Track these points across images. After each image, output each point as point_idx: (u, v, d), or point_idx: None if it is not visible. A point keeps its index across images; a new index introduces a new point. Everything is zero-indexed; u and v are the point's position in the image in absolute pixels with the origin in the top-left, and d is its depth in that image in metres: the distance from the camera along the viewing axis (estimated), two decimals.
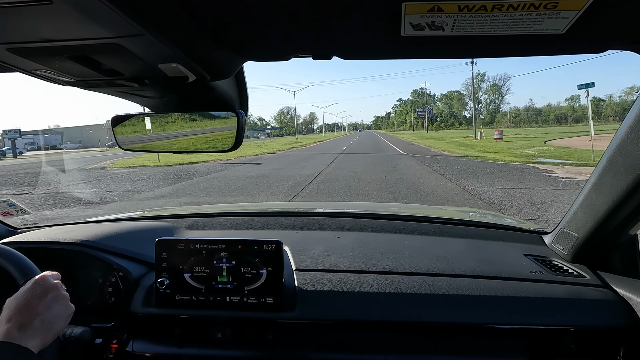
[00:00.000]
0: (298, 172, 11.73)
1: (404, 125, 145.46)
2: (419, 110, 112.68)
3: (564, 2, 0.45)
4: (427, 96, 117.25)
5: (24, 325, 0.65)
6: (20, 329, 0.65)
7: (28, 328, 0.65)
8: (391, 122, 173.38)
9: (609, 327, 0.93)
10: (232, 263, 1.00)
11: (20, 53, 0.55)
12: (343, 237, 1.32)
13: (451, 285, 1.01)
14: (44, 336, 0.67)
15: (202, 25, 0.54)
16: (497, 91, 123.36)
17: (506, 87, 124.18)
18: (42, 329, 0.67)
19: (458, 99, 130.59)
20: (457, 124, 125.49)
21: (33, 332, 0.65)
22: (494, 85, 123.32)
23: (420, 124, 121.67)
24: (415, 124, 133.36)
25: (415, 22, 0.50)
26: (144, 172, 13.32)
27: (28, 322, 0.66)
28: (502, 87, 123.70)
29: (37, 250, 1.11)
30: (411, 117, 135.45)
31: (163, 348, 1.00)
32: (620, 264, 1.04)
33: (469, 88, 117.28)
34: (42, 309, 0.69)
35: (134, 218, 1.65)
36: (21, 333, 0.64)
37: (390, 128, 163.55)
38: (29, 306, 0.68)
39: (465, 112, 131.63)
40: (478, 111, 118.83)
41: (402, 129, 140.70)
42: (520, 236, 1.34)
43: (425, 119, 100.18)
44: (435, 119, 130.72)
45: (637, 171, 0.79)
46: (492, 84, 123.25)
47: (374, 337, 0.99)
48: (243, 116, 0.80)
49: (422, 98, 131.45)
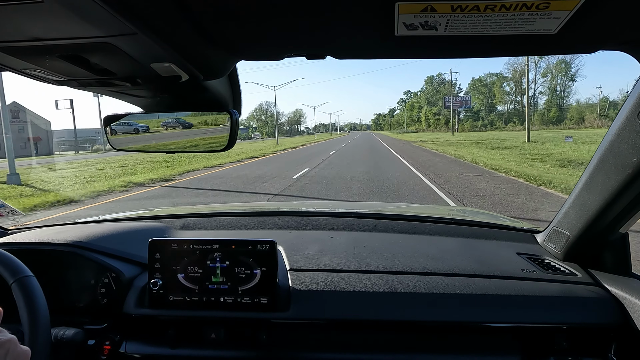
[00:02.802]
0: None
1: (417, 124, 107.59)
2: (447, 98, 67.54)
3: (555, 2, 0.46)
4: (450, 84, 72.61)
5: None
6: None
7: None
8: (397, 120, 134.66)
9: (600, 325, 0.94)
10: (226, 263, 0.99)
11: (11, 52, 0.55)
12: (337, 236, 1.32)
13: (444, 284, 1.01)
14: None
15: (195, 25, 0.53)
16: (564, 72, 75.62)
17: (575, 65, 74.58)
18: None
19: (499, 86, 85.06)
20: (498, 122, 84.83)
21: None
22: (561, 62, 74.70)
23: (444, 122, 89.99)
24: (435, 123, 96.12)
25: (409, 22, 0.51)
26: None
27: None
28: (570, 67, 74.67)
29: (29, 252, 1.10)
30: (428, 112, 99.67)
31: (156, 349, 0.99)
32: (611, 262, 1.05)
33: (517, 69, 76.98)
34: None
35: (127, 218, 1.64)
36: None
37: (397, 128, 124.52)
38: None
39: (504, 104, 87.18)
40: (533, 103, 75.28)
41: (414, 129, 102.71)
42: (513, 235, 1.35)
43: (452, 115, 62.14)
44: (470, 114, 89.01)
45: (627, 170, 0.80)
46: (559, 60, 74.46)
47: (368, 337, 0.99)
48: (236, 115, 0.80)
49: (443, 87, 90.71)
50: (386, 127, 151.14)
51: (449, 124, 75.15)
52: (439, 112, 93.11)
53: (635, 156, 0.76)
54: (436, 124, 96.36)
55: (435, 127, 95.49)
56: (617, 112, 0.79)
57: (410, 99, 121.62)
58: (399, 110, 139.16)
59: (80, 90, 0.75)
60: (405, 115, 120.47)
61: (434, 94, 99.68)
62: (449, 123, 75.03)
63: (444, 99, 73.50)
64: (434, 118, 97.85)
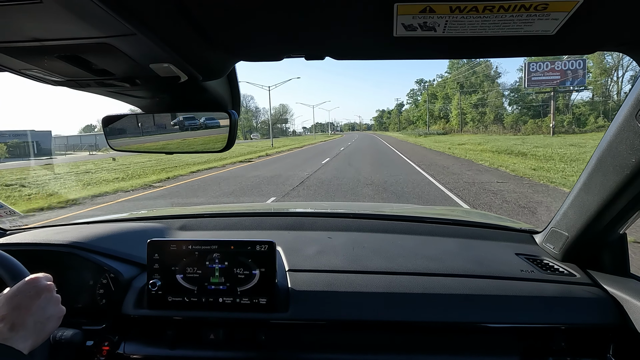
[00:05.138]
0: None
1: (441, 122, 69.33)
2: (533, 66, 36.80)
3: (554, 3, 0.46)
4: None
5: (17, 326, 0.65)
6: (13, 329, 0.64)
7: (21, 329, 0.65)
8: (406, 117, 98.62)
9: (599, 325, 0.94)
10: (225, 264, 0.99)
11: (9, 52, 0.55)
12: (336, 237, 1.32)
13: (443, 285, 1.01)
14: (35, 338, 0.66)
15: (194, 25, 0.53)
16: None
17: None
18: (34, 330, 0.66)
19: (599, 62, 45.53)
20: (600, 118, 42.93)
21: (25, 334, 0.65)
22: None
23: (492, 117, 53.40)
24: (479, 119, 56.88)
25: (407, 22, 0.51)
26: None
27: (21, 323, 0.65)
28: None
29: (27, 252, 1.10)
30: (464, 103, 60.28)
31: (155, 350, 0.99)
32: (609, 263, 1.06)
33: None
34: (36, 310, 0.68)
35: (126, 219, 1.64)
36: (13, 333, 0.64)
37: (409, 128, 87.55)
38: (22, 306, 0.68)
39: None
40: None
41: (441, 130, 63.89)
42: (511, 235, 1.35)
43: (552, 100, 37.62)
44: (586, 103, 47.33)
45: (625, 171, 0.80)
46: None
47: (367, 337, 0.99)
48: (235, 116, 0.80)
49: (485, 67, 57.83)
50: (392, 126, 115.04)
51: (504, 121, 47.54)
52: (483, 103, 56.26)
53: (634, 157, 0.76)
54: (479, 121, 56.80)
55: (478, 125, 56.49)
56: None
57: (424, 90, 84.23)
58: (408, 104, 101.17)
59: (79, 90, 0.75)
60: (423, 110, 78.09)
61: (469, 75, 61.55)
62: (504, 120, 47.48)
63: (525, 68, 37.74)
64: (474, 112, 57.73)
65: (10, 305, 0.67)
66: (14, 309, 0.67)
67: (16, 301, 0.68)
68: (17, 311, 0.67)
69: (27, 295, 0.69)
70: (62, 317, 0.74)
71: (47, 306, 0.70)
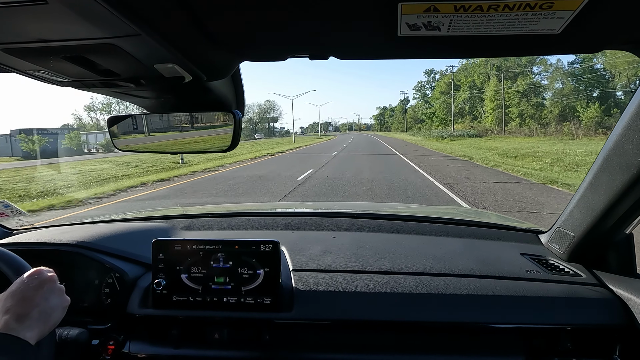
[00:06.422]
0: None
1: (466, 118, 52.05)
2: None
3: (559, 2, 0.45)
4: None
5: (22, 317, 0.66)
6: (18, 320, 0.65)
7: (26, 319, 0.66)
8: (412, 115, 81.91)
9: (605, 326, 0.93)
10: (229, 264, 1.00)
11: (15, 53, 0.55)
12: (340, 237, 1.32)
13: (448, 285, 1.01)
14: (41, 327, 0.67)
15: (198, 26, 0.53)
16: None
17: None
18: (39, 320, 0.67)
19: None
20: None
21: (31, 324, 0.66)
22: None
23: (557, 112, 36.28)
24: (529, 115, 39.61)
25: (412, 22, 0.50)
26: None
27: (26, 313, 0.66)
28: None
29: (33, 252, 1.11)
30: (509, 95, 42.37)
31: (160, 349, 1.00)
32: (615, 263, 1.05)
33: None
34: (40, 300, 0.69)
35: (131, 219, 1.65)
36: (19, 324, 0.65)
37: (417, 128, 71.68)
38: (27, 298, 0.69)
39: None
40: None
41: (470, 130, 43.05)
42: (516, 235, 1.34)
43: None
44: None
45: (632, 170, 0.79)
46: None
47: (371, 337, 0.99)
48: (239, 116, 0.80)
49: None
50: (395, 125, 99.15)
51: (581, 117, 33.65)
52: (534, 91, 41.33)
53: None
54: (533, 117, 40.50)
55: (529, 123, 40.42)
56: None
57: (437, 81, 66.40)
58: (415, 99, 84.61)
59: (84, 91, 0.75)
60: (438, 105, 60.49)
61: (503, 60, 44.43)
62: (580, 117, 33.63)
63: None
64: (525, 105, 41.04)
65: (14, 298, 0.68)
66: (18, 301, 0.68)
67: (20, 293, 0.69)
68: (21, 302, 0.68)
69: (30, 286, 0.71)
70: (67, 307, 0.75)
71: (50, 296, 0.71)
